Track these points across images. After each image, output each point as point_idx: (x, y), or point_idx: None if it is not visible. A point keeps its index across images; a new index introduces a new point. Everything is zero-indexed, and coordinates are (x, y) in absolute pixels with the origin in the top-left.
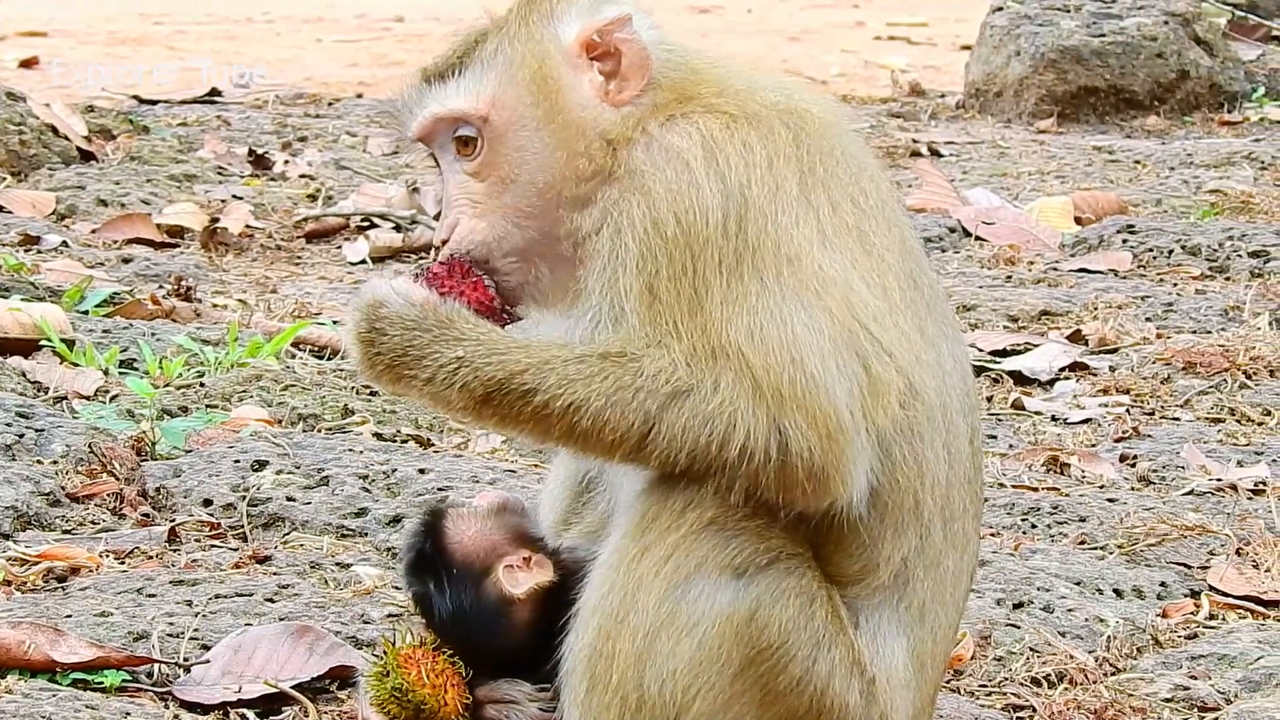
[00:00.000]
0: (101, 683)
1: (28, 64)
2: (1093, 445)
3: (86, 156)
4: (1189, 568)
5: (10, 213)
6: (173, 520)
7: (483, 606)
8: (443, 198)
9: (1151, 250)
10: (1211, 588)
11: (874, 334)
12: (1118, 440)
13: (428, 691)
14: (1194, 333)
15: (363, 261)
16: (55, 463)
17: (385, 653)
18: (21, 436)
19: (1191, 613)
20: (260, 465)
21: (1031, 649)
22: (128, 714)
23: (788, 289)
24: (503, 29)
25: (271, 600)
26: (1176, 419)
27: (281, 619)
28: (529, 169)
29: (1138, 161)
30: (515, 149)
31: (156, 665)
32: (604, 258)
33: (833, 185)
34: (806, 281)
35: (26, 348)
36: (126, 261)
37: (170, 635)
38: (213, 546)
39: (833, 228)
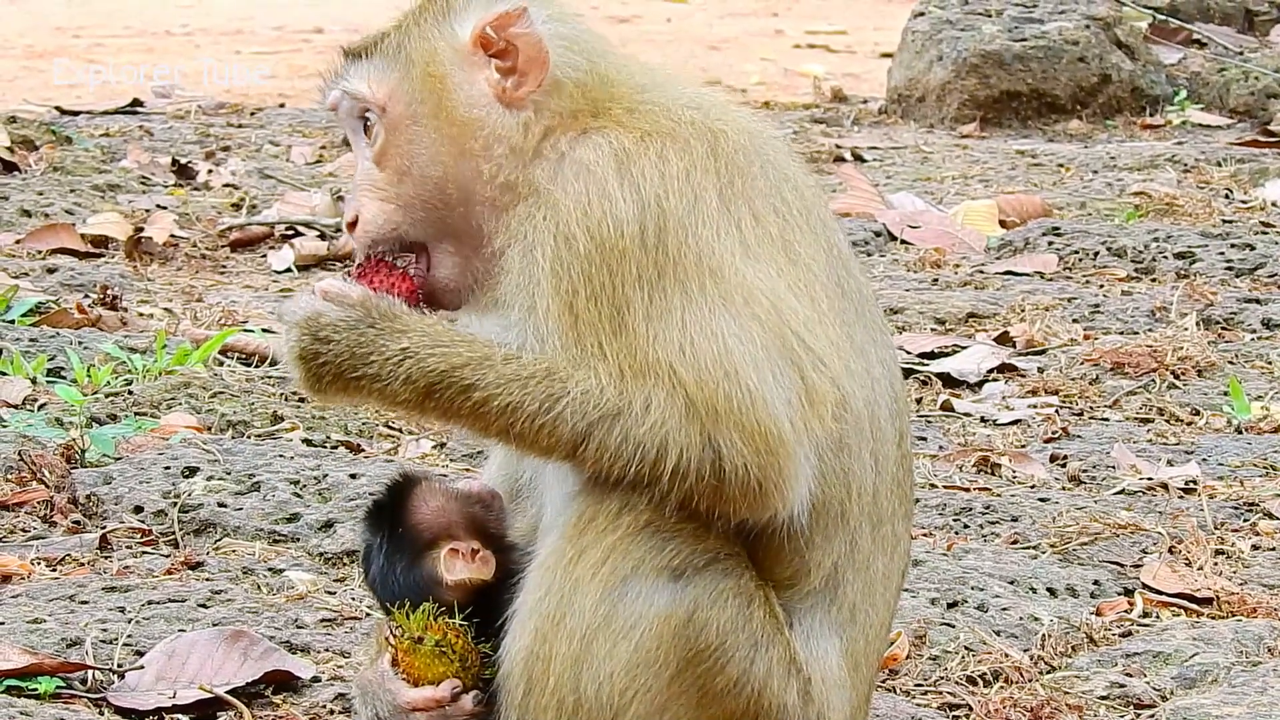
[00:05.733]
0: (35, 689)
1: None
2: (1023, 446)
3: (9, 167)
4: (1122, 566)
5: None
6: (104, 527)
7: (411, 577)
8: (354, 177)
9: (1077, 252)
10: (1145, 586)
11: (807, 343)
12: (1047, 441)
13: (463, 643)
14: (1121, 333)
15: (288, 270)
16: None
17: (401, 628)
18: None
19: (1125, 611)
20: (191, 472)
21: (966, 648)
22: None
23: (714, 301)
24: (404, 24)
25: (204, 606)
26: (1105, 419)
27: (215, 624)
28: (421, 163)
29: (1061, 165)
30: (407, 141)
31: (90, 672)
32: (516, 277)
33: (754, 197)
34: (732, 292)
35: None
36: (51, 271)
37: (104, 641)
38: (144, 553)
39: (756, 238)
